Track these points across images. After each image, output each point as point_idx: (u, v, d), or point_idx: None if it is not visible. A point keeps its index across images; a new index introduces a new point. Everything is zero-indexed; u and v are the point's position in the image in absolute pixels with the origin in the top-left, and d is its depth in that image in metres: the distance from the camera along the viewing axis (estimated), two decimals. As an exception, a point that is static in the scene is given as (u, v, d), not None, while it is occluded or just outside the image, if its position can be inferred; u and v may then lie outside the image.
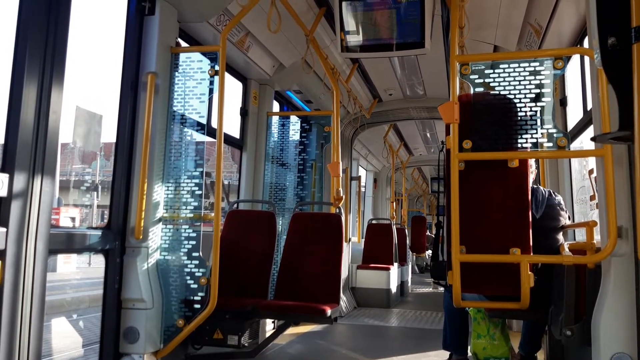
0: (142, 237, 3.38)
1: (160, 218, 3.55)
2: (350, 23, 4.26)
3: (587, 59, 3.38)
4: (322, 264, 4.22)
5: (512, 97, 2.96)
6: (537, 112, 2.92)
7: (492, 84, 3.00)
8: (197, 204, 3.56)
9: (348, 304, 7.53)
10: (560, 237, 3.59)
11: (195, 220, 3.57)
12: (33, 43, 2.55)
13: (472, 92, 3.07)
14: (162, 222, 3.56)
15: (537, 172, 4.33)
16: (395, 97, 7.63)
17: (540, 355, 4.22)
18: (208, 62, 3.68)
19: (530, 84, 2.93)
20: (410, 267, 11.52)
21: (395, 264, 8.75)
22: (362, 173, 11.31)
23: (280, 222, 5.26)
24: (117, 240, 3.37)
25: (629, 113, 1.40)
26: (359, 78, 6.75)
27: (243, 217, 4.61)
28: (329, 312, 3.70)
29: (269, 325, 4.96)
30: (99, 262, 3.38)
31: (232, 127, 6.48)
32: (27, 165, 2.49)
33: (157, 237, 3.52)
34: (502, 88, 2.97)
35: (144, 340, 3.29)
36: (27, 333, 2.44)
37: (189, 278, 3.51)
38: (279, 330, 4.23)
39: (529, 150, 2.95)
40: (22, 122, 2.48)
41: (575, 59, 4.05)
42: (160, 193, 3.56)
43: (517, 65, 2.95)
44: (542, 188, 3.67)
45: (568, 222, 3.68)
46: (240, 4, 3.79)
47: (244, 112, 5.27)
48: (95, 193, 21.14)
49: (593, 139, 2.26)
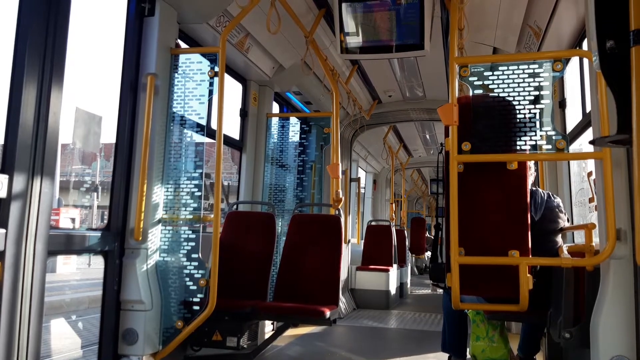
0: (141, 238, 3.38)
1: (160, 219, 3.55)
2: (350, 24, 4.26)
3: (586, 62, 3.39)
4: (321, 266, 4.22)
5: (511, 99, 2.96)
6: (536, 114, 2.92)
7: (491, 86, 3.00)
8: (196, 205, 3.56)
9: (347, 306, 7.53)
10: (559, 239, 3.59)
11: (195, 222, 3.57)
12: (33, 44, 2.55)
13: (471, 94, 3.08)
14: (161, 223, 3.56)
15: (536, 174, 4.33)
16: (395, 98, 7.64)
17: (539, 358, 4.22)
18: (208, 63, 3.68)
19: (529, 86, 2.93)
20: (410, 268, 11.51)
21: (395, 266, 8.75)
22: (361, 174, 11.31)
23: (280, 223, 5.27)
24: (116, 242, 3.37)
25: (627, 116, 1.40)
26: (359, 79, 6.76)
27: (242, 218, 4.60)
28: (328, 313, 3.70)
29: (268, 327, 4.96)
30: (99, 263, 3.38)
31: (231, 128, 6.50)
32: (26, 166, 2.49)
33: (156, 238, 3.52)
34: (501, 90, 2.98)
35: (143, 342, 3.29)
36: (26, 334, 2.44)
37: (188, 279, 3.51)
38: (278, 332, 4.22)
39: (528, 153, 2.95)
40: (21, 123, 2.48)
41: (575, 61, 4.06)
42: (160, 194, 3.56)
43: (516, 68, 2.95)
44: (541, 190, 3.67)
45: (567, 224, 3.68)
46: (240, 5, 3.80)
47: (244, 113, 5.28)
48: (95, 194, 21.13)
49: (592, 142, 2.26)
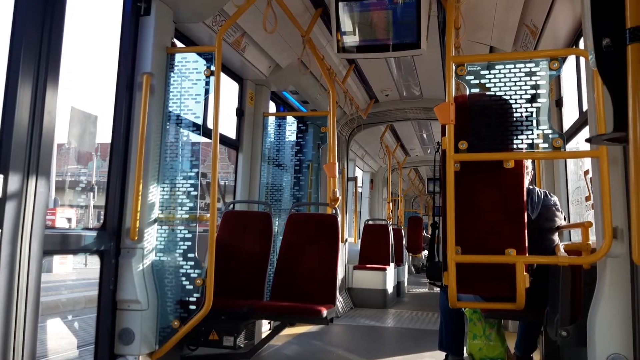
0: (137, 238, 3.37)
1: (156, 219, 3.54)
2: (347, 24, 4.26)
3: (582, 60, 3.39)
4: (318, 265, 4.21)
5: (507, 98, 2.96)
6: (532, 112, 2.92)
7: (487, 85, 3.00)
8: (192, 205, 3.55)
9: (344, 305, 7.52)
10: (556, 237, 3.60)
11: (191, 221, 3.56)
12: (28, 43, 2.54)
13: (468, 93, 3.08)
14: (157, 223, 3.55)
15: (533, 173, 4.34)
16: (392, 97, 7.64)
17: (536, 356, 4.23)
18: (204, 62, 3.67)
19: (526, 85, 2.93)
20: (407, 267, 11.51)
21: (392, 265, 8.75)
22: (358, 174, 11.31)
23: (277, 222, 5.26)
24: (112, 241, 3.36)
25: (624, 114, 1.40)
26: (356, 79, 6.75)
27: (239, 217, 4.60)
28: (325, 312, 3.69)
29: (265, 326, 4.96)
30: (95, 262, 3.36)
31: (228, 127, 6.48)
32: (21, 166, 2.48)
33: (152, 238, 3.51)
34: (497, 89, 2.97)
35: (139, 342, 3.28)
36: (21, 334, 2.43)
37: (185, 279, 3.50)
38: (275, 331, 4.22)
39: (525, 151, 2.95)
40: (16, 122, 2.47)
41: (571, 60, 4.06)
42: (156, 194, 3.55)
43: (512, 66, 2.95)
44: (537, 189, 3.67)
45: (564, 222, 3.68)
46: (236, 5, 3.79)
47: (240, 112, 5.27)
48: (92, 194, 21.08)
49: (588, 140, 2.26)
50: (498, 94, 2.97)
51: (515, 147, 2.94)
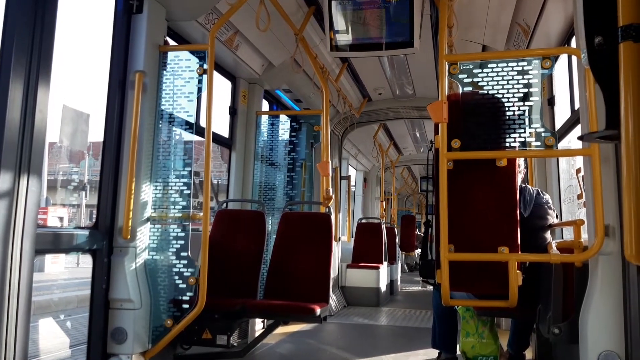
0: (130, 236, 3.36)
1: (149, 218, 3.53)
2: (340, 22, 4.26)
3: (574, 59, 3.40)
4: (311, 264, 4.22)
5: (500, 96, 2.96)
6: (525, 111, 2.93)
7: (480, 84, 3.01)
8: (185, 204, 3.54)
9: (338, 303, 7.53)
10: (548, 235, 3.62)
11: (184, 220, 3.55)
12: (19, 41, 2.52)
13: (460, 91, 3.08)
14: (150, 221, 3.54)
15: (525, 171, 4.35)
16: (385, 96, 7.64)
17: (529, 353, 4.25)
18: (196, 60, 3.66)
19: (519, 84, 2.94)
20: (400, 266, 11.54)
21: (385, 263, 8.76)
22: (351, 172, 11.32)
23: (270, 221, 5.25)
24: (104, 240, 3.34)
25: (616, 112, 1.41)
26: (349, 77, 6.75)
27: (232, 216, 4.59)
28: (319, 311, 3.69)
29: (259, 325, 4.95)
30: (88, 262, 3.35)
31: (221, 126, 6.46)
32: (13, 165, 2.46)
33: (145, 236, 3.49)
34: (490, 87, 2.98)
35: (132, 341, 3.27)
36: (13, 334, 2.41)
37: (178, 278, 3.49)
38: (269, 330, 4.22)
39: (517, 150, 2.96)
40: (7, 120, 2.45)
41: (563, 59, 4.08)
42: (149, 192, 3.54)
43: (505, 65, 2.96)
44: (530, 187, 3.69)
45: (556, 220, 3.70)
46: (229, 3, 3.78)
47: (233, 111, 5.26)
48: (84, 193, 20.99)
49: (580, 138, 2.27)
50: (491, 93, 2.98)
51: (508, 145, 2.95)
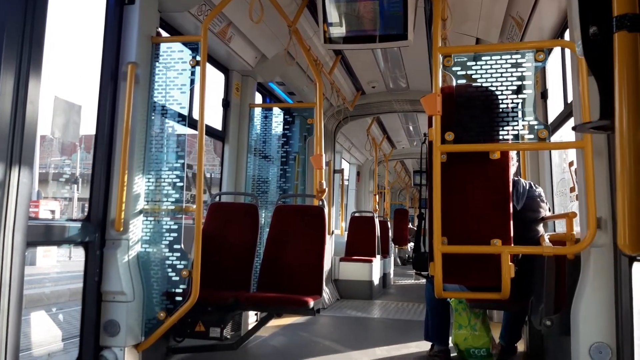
0: (122, 229, 3.34)
1: (141, 210, 3.51)
2: (333, 14, 4.24)
3: (567, 52, 3.41)
4: (304, 256, 4.21)
5: (494, 89, 2.97)
6: (518, 104, 2.93)
7: (474, 76, 3.01)
8: (178, 196, 3.53)
9: (331, 296, 7.55)
10: (541, 228, 3.63)
11: (177, 213, 3.54)
12: (10, 31, 2.49)
13: (454, 84, 3.08)
14: (143, 214, 3.52)
15: (518, 164, 4.37)
16: (379, 89, 7.64)
17: (521, 345, 4.28)
18: (189, 52, 3.64)
19: (512, 76, 2.94)
20: (393, 259, 11.57)
21: (378, 256, 8.78)
22: (345, 166, 11.32)
23: (263, 214, 5.25)
24: (97, 233, 3.33)
25: (610, 102, 1.41)
26: (342, 70, 6.74)
27: (225, 209, 4.58)
28: (312, 303, 3.70)
29: (252, 318, 4.95)
30: (80, 255, 3.33)
31: (214, 118, 6.43)
32: (4, 157, 2.44)
33: (137, 229, 3.48)
34: (484, 80, 2.98)
35: (125, 333, 3.26)
36: (4, 327, 2.39)
37: (171, 270, 3.48)
38: (262, 323, 4.22)
39: (511, 142, 2.97)
40: (-2, 111, 2.43)
41: (556, 53, 4.09)
42: (141, 185, 3.52)
43: (499, 58, 2.96)
44: (523, 180, 3.70)
45: (548, 213, 3.72)
46: (222, -6, 3.75)
47: (226, 103, 5.24)
48: (76, 186, 20.88)
49: (574, 129, 2.28)
50: (484, 85, 2.99)
51: (501, 138, 2.95)
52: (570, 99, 3.29)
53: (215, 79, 5.25)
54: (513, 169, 3.52)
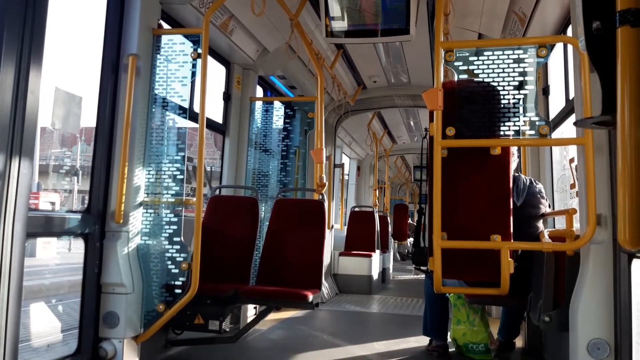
0: (122, 221, 3.34)
1: (141, 202, 3.51)
2: (335, 8, 4.23)
3: (570, 48, 3.40)
4: (304, 250, 4.21)
5: (495, 84, 2.96)
6: (520, 99, 2.93)
7: (476, 71, 3.00)
8: (178, 189, 3.53)
9: (330, 290, 7.55)
10: (541, 224, 3.63)
11: (177, 205, 3.54)
12: (10, 22, 2.48)
13: (456, 79, 3.08)
14: (142, 206, 3.53)
15: (518, 160, 4.36)
16: (380, 84, 7.62)
17: (519, 341, 4.28)
18: (190, 45, 3.63)
19: (514, 72, 2.94)
20: (392, 254, 11.58)
21: (377, 251, 8.79)
22: (345, 161, 11.32)
23: (263, 208, 5.24)
24: (97, 224, 3.33)
25: (612, 97, 1.41)
26: (344, 64, 6.72)
27: (225, 202, 4.58)
28: (311, 297, 3.70)
29: (251, 311, 4.96)
30: (79, 247, 3.33)
31: (214, 111, 6.43)
32: (4, 148, 2.44)
33: (137, 221, 3.48)
34: (486, 75, 2.98)
35: (124, 325, 3.27)
36: (4, 318, 2.40)
37: (170, 263, 3.48)
38: (261, 316, 4.22)
39: (512, 138, 2.97)
40: (-1, 102, 2.43)
41: (559, 49, 4.07)
42: (141, 177, 3.52)
43: (501, 53, 2.96)
44: (523, 176, 3.70)
45: (548, 210, 3.72)
46: (224, -14, 3.74)
47: (227, 96, 5.23)
48: (76, 178, 20.86)
49: (575, 124, 2.28)
50: (486, 81, 2.98)
51: (502, 133, 2.95)
52: (572, 96, 3.28)
53: (217, 72, 5.25)
54: (514, 165, 3.52)
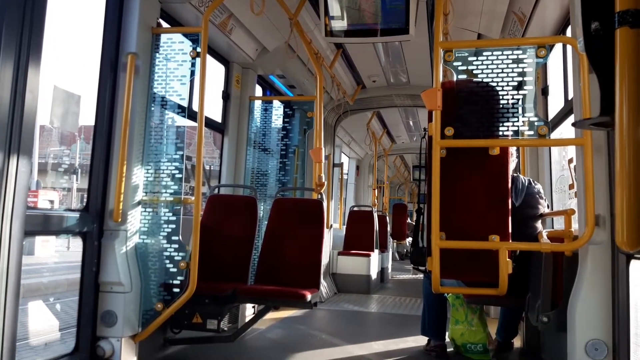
0: (120, 220, 3.34)
1: (140, 201, 3.51)
2: (335, 7, 4.22)
3: (569, 49, 3.40)
4: (303, 250, 4.21)
5: (494, 84, 2.96)
6: (519, 100, 2.93)
7: (475, 72, 3.00)
8: (177, 188, 3.53)
9: (328, 290, 7.55)
10: (539, 225, 3.64)
11: (175, 204, 3.53)
12: (9, 20, 2.48)
13: (455, 79, 3.07)
14: (141, 205, 3.52)
15: (517, 160, 4.36)
16: (379, 84, 7.62)
17: (517, 342, 4.29)
18: (190, 43, 3.62)
19: (513, 72, 2.94)
20: (391, 254, 11.58)
21: (376, 251, 8.79)
22: (344, 160, 11.32)
23: (262, 207, 5.24)
24: (95, 223, 3.33)
25: (611, 98, 1.41)
26: (343, 64, 6.72)
27: (224, 202, 4.58)
28: (309, 297, 3.70)
29: (249, 310, 4.96)
30: (78, 246, 3.32)
31: (213, 110, 6.41)
32: (2, 146, 2.43)
33: (136, 220, 3.48)
34: (485, 75, 2.98)
35: (122, 324, 3.27)
36: (2, 316, 2.40)
37: (168, 262, 3.48)
38: (259, 315, 4.22)
39: (510, 138, 2.97)
40: (-3, 100, 2.42)
41: (558, 50, 4.08)
42: (140, 176, 3.52)
43: (500, 53, 2.96)
44: (522, 176, 3.70)
45: (547, 210, 3.72)
46: (223, -15, 3.73)
47: (226, 95, 5.22)
48: (75, 176, 20.84)
49: (574, 125, 2.28)
50: (485, 81, 2.98)
51: (501, 133, 2.95)
52: (571, 96, 3.29)
53: (216, 71, 5.25)
54: (512, 165, 3.52)
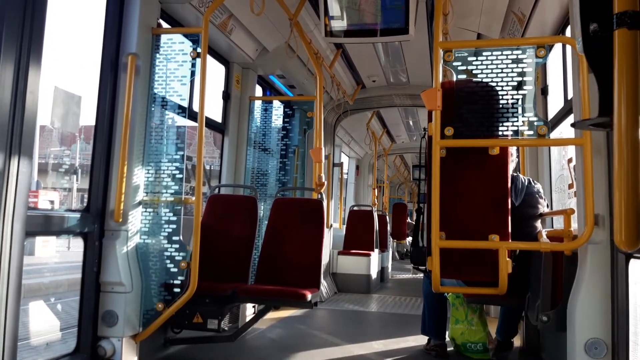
0: (121, 220, 3.35)
1: (140, 201, 3.52)
2: (335, 7, 4.23)
3: (569, 49, 3.41)
4: (303, 249, 4.22)
5: (494, 84, 2.97)
6: (518, 100, 2.94)
7: (474, 72, 3.01)
8: (177, 188, 3.53)
9: (328, 289, 7.56)
10: (539, 224, 3.64)
11: (176, 204, 3.54)
12: (10, 21, 2.49)
13: (455, 79, 3.08)
14: (142, 205, 3.53)
15: (517, 160, 4.37)
16: (379, 84, 7.63)
17: (517, 341, 4.29)
18: (190, 44, 3.63)
19: (513, 72, 2.94)
20: (391, 253, 11.59)
21: (376, 250, 8.80)
22: (344, 160, 11.32)
23: (262, 207, 5.25)
24: (96, 223, 3.33)
25: (609, 99, 1.42)
26: (343, 64, 6.73)
27: (224, 201, 4.58)
28: (310, 296, 3.70)
29: (249, 310, 4.97)
30: (78, 246, 3.33)
31: (214, 111, 6.42)
32: (3, 146, 2.44)
33: (136, 220, 3.48)
34: (484, 75, 2.99)
35: (123, 324, 3.27)
36: (3, 316, 2.40)
37: (169, 262, 3.49)
38: (259, 315, 4.23)
39: (510, 138, 2.97)
40: (-2, 101, 2.43)
41: (557, 50, 4.08)
42: (141, 176, 3.52)
43: (499, 53, 2.96)
44: (521, 176, 3.71)
45: (546, 210, 3.72)
46: (223, -14, 3.74)
47: (226, 96, 5.23)
48: (75, 176, 20.84)
49: (573, 125, 2.29)
50: (485, 81, 2.99)
51: (501, 133, 2.96)
52: (571, 96, 3.29)
53: (216, 71, 5.25)
54: (512, 165, 3.52)
